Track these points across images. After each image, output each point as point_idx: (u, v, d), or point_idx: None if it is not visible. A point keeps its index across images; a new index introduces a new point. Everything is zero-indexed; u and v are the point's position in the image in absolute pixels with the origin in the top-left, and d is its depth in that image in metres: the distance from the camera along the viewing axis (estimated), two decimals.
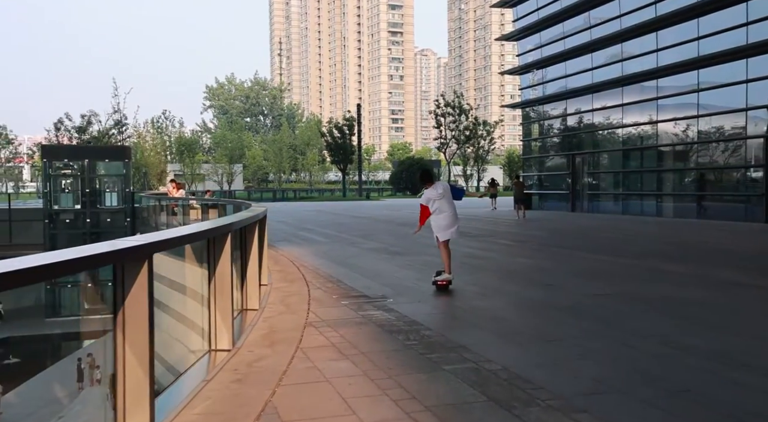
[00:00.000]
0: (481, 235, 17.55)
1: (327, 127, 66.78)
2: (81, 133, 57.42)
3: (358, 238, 16.74)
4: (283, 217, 27.85)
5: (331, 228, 20.67)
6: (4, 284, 2.33)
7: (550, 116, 31.28)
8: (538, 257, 12.53)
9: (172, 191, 19.45)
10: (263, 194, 64.72)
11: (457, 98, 71.60)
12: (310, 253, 13.14)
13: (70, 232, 41.71)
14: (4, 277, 2.32)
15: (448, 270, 8.59)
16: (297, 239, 16.50)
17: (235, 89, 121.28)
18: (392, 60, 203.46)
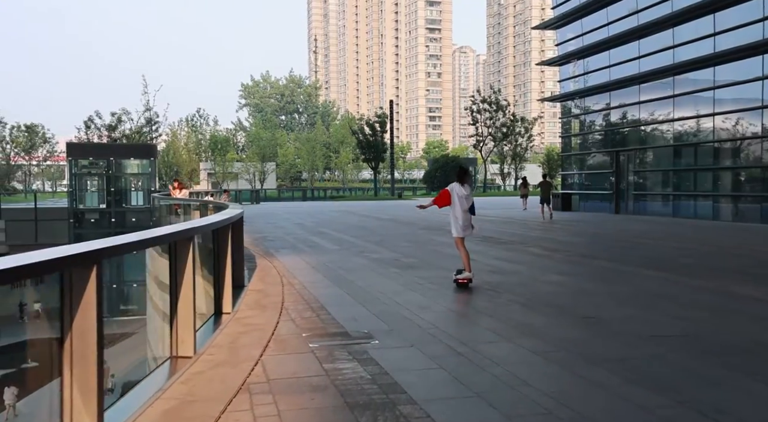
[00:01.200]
0: (511, 241, 15.49)
1: (358, 124, 65.06)
2: (111, 131, 56.92)
3: (372, 245, 14.86)
4: (304, 218, 26.17)
5: (348, 232, 18.85)
6: None
7: (592, 109, 28.88)
8: (575, 273, 10.44)
9: (173, 192, 17.89)
10: (294, 193, 63.36)
11: (494, 94, 69.08)
12: (309, 265, 11.32)
13: (95, 231, 40.89)
14: None
15: (468, 268, 8.93)
16: (304, 246, 14.71)
17: (270, 87, 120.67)
18: (430, 57, 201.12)
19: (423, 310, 7.18)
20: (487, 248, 14.24)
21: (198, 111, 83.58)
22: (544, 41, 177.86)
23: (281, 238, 17.03)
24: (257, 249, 14.06)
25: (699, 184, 23.02)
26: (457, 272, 8.97)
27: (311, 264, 11.44)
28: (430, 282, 9.23)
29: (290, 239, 16.81)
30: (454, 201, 9.14)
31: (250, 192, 49.73)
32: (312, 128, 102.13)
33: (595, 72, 28.05)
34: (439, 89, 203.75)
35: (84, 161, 43.62)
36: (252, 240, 16.38)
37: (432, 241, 15.67)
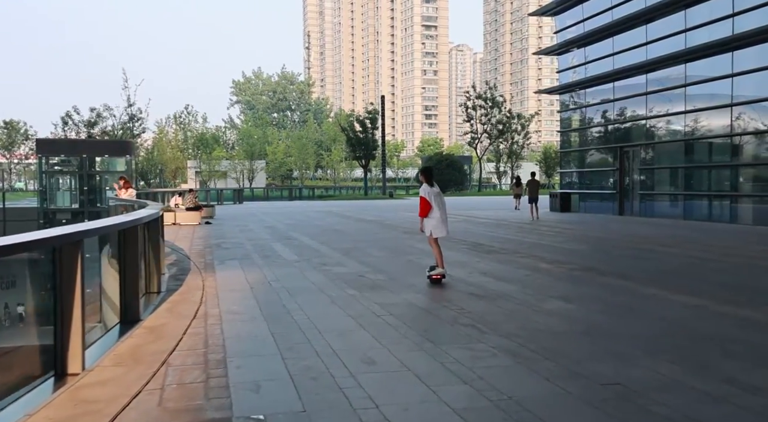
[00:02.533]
0: (503, 250, 13.20)
1: (348, 120, 62.66)
2: (90, 127, 54.45)
3: (339, 255, 12.58)
4: (279, 220, 23.87)
5: (320, 237, 16.57)
6: None
7: (594, 102, 26.62)
8: (582, 297, 8.17)
9: (119, 192, 15.57)
10: (283, 192, 60.95)
11: (490, 90, 66.78)
12: (248, 286, 9.03)
13: None
14: None
15: (442, 265, 9.07)
16: (259, 257, 12.42)
17: (262, 84, 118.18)
18: (426, 55, 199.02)
19: (366, 369, 4.89)
20: (475, 258, 11.97)
21: (186, 108, 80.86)
22: (541, 38, 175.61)
23: (239, 245, 14.74)
24: (200, 260, 11.77)
25: (714, 183, 20.77)
26: (430, 269, 9.15)
27: (252, 283, 9.15)
28: (391, 313, 6.94)
29: (249, 246, 14.52)
30: (432, 204, 9.12)
31: (233, 191, 47.36)
32: (304, 125, 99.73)
33: (597, 61, 25.79)
34: (435, 87, 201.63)
35: (55, 159, 41.28)
36: (203, 248, 14.09)
37: (411, 249, 13.39)
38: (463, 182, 65.95)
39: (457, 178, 63.85)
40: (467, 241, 15.35)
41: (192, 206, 22.39)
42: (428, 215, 9.12)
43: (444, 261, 9.21)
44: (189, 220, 21.97)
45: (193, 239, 16.41)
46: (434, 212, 9.09)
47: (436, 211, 9.09)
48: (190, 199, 22.58)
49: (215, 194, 44.62)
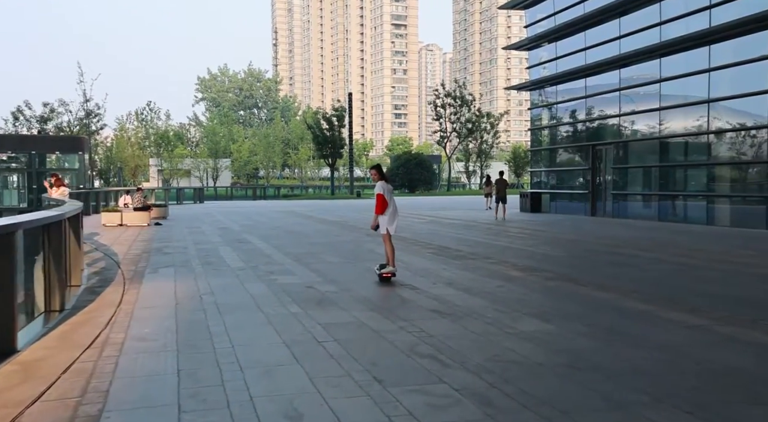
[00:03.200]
0: (471, 255, 12.06)
1: (314, 118, 61.18)
2: (43, 123, 52.04)
3: (290, 261, 11.30)
4: (236, 221, 22.46)
5: (274, 240, 15.26)
6: None
7: (565, 98, 25.72)
8: (562, 315, 7.03)
9: (50, 190, 14.04)
10: (248, 192, 59.19)
11: (459, 88, 65.93)
12: (174, 300, 7.71)
13: None
14: None
15: (393, 263, 8.97)
16: (199, 264, 11.07)
17: (228, 81, 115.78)
18: (395, 53, 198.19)
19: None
20: (441, 264, 10.80)
21: (148, 104, 78.54)
22: (510, 38, 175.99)
23: (182, 250, 13.35)
24: (130, 269, 10.38)
25: (690, 183, 19.99)
26: (381, 267, 9.06)
27: (180, 298, 7.82)
28: (335, 338, 5.71)
29: (193, 250, 13.14)
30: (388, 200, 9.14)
31: (193, 190, 45.59)
32: (271, 123, 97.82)
33: (568, 56, 24.90)
34: (405, 86, 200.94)
35: (4, 156, 39.10)
36: (140, 253, 12.67)
37: (370, 255, 12.17)
38: (432, 182, 65.02)
39: (426, 177, 62.90)
40: (433, 245, 14.20)
41: (140, 206, 20.84)
42: (383, 213, 9.07)
43: (396, 263, 9.24)
44: (136, 221, 20.43)
45: (135, 242, 14.95)
46: (388, 208, 9.08)
47: (390, 207, 9.10)
48: (137, 198, 21.03)
49: (174, 194, 42.81)
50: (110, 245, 14.25)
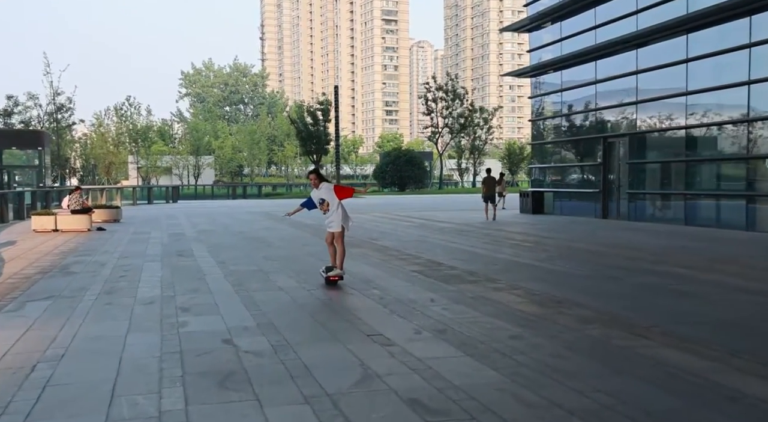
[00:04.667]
0: (467, 275, 9.05)
1: (298, 112, 58.01)
2: (6, 117, 48.67)
3: (227, 286, 8.34)
4: (196, 225, 19.47)
5: (225, 252, 12.32)
6: None
7: (572, 84, 22.79)
8: (611, 405, 4.06)
9: None
10: (230, 190, 55.97)
11: (451, 81, 62.95)
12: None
13: None
14: None
15: (341, 266, 8.58)
16: (102, 292, 8.12)
17: (213, 76, 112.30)
18: (386, 49, 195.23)
19: None
20: (427, 291, 7.85)
21: (128, 99, 75.03)
22: (502, 34, 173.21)
23: (93, 269, 10.33)
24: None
25: (724, 180, 17.10)
26: (327, 270, 8.58)
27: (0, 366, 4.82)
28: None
29: (108, 270, 10.13)
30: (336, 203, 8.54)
31: (165, 189, 42.44)
32: (257, 119, 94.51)
33: (575, 36, 21.96)
34: (396, 82, 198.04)
35: None
36: (34, 272, 9.66)
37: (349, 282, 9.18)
38: (423, 180, 62.08)
39: (417, 175, 59.93)
40: (421, 258, 11.24)
41: (78, 209, 17.76)
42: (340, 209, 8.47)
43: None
44: (74, 225, 17.37)
45: (44, 256, 11.91)
46: (337, 209, 8.48)
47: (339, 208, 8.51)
48: (75, 199, 17.92)
49: (143, 192, 39.65)
50: (9, 259, 11.21)
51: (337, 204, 8.40)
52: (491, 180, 21.27)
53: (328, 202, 8.41)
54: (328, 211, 8.47)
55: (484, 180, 21.53)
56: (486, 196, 20.84)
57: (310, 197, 8.72)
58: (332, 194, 8.41)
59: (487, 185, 21.07)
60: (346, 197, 8.52)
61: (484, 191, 21.02)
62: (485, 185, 21.16)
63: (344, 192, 8.56)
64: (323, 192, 8.47)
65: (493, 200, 20.92)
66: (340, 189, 8.55)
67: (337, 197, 8.42)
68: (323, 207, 8.49)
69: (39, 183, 35.87)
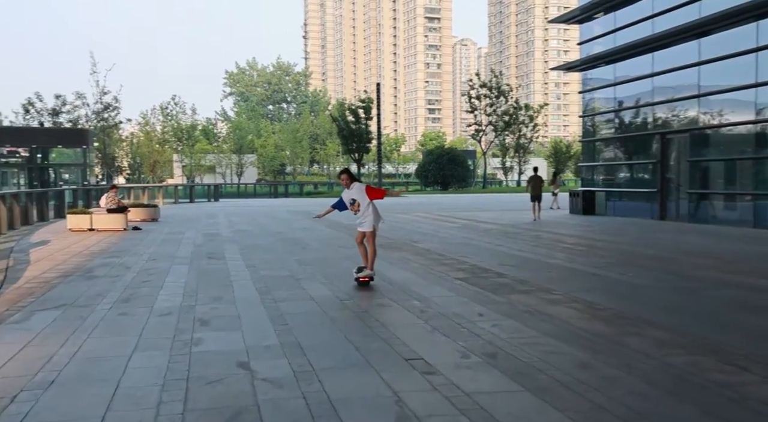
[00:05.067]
0: (518, 284, 8.12)
1: (339, 110, 57.43)
2: (55, 116, 49.42)
3: (253, 295, 7.64)
4: (232, 224, 18.97)
5: (257, 254, 11.70)
6: None
7: (626, 78, 21.50)
8: None
9: None
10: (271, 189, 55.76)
11: (495, 78, 61.56)
12: None
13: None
14: None
15: (371, 266, 8.32)
16: (117, 301, 7.50)
17: (257, 75, 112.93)
18: (429, 47, 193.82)
19: None
20: (474, 303, 6.97)
21: (173, 98, 75.75)
22: (547, 30, 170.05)
23: (117, 273, 9.76)
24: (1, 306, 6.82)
25: None
26: (358, 270, 8.36)
27: None
28: None
29: (132, 273, 9.55)
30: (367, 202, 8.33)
31: (206, 188, 42.38)
32: (300, 118, 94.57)
33: (631, 26, 20.67)
34: (439, 81, 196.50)
35: (4, 151, 36.38)
36: (56, 276, 9.15)
37: (380, 282, 8.38)
38: (466, 179, 60.90)
39: (460, 174, 58.79)
40: (465, 263, 10.36)
41: (114, 208, 17.40)
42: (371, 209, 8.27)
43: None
44: (109, 225, 17.01)
45: (72, 257, 11.43)
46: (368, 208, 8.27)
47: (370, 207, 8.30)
48: (110, 198, 17.57)
49: (185, 191, 39.62)
50: (34, 261, 10.75)
51: (367, 204, 8.20)
52: (538, 179, 20.85)
53: (358, 202, 8.21)
54: (358, 211, 8.26)
55: (530, 179, 21.14)
56: (533, 195, 20.28)
57: (341, 198, 8.47)
58: (363, 194, 8.21)
59: (534, 184, 20.56)
60: (377, 198, 8.33)
61: (530, 191, 20.59)
62: (532, 184, 20.66)
63: (376, 193, 8.36)
64: (354, 192, 8.27)
65: (540, 199, 20.23)
66: (371, 190, 8.35)
67: (369, 197, 8.23)
68: (354, 208, 8.28)
69: (83, 181, 36.16)
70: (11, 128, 43.94)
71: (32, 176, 36.37)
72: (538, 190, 20.41)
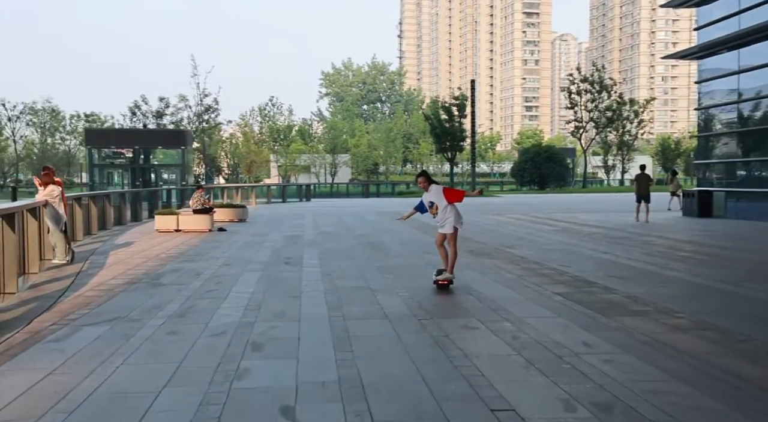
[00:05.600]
0: (630, 304, 6.78)
1: (431, 108, 56.29)
2: (158, 118, 51.32)
3: (320, 312, 6.76)
4: (318, 226, 18.43)
5: (338, 260, 10.93)
6: None
7: (752, 64, 19.18)
8: None
9: (45, 194, 10.39)
10: (370, 188, 55.40)
11: (597, 72, 58.41)
12: None
13: None
14: None
15: (451, 270, 8.07)
16: (174, 315, 6.84)
17: (351, 75, 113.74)
18: (527, 43, 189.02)
19: None
20: (578, 329, 5.78)
21: (271, 100, 77.34)
22: (654, 22, 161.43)
23: (187, 280, 9.20)
24: (53, 316, 6.30)
25: None
26: (438, 273, 8.18)
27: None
28: None
29: (200, 281, 8.94)
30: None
31: (298, 187, 42.51)
32: (394, 117, 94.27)
33: (758, 6, 18.38)
34: (537, 77, 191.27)
35: (106, 151, 37.88)
36: (125, 282, 8.69)
37: (460, 292, 7.32)
38: (564, 178, 58.23)
39: (558, 172, 56.26)
40: (566, 274, 9.09)
41: (199, 208, 17.19)
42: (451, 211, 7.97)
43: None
44: (195, 226, 16.79)
45: (148, 261, 11.05)
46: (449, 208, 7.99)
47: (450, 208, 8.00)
48: (196, 198, 17.38)
49: (278, 191, 39.86)
50: (109, 264, 10.41)
51: (444, 206, 7.96)
52: (646, 178, 19.61)
53: (436, 205, 7.99)
54: (436, 214, 8.06)
55: (637, 177, 19.85)
56: (640, 195, 19.01)
57: (422, 201, 8.26)
58: (441, 197, 7.96)
59: (641, 183, 19.33)
60: (455, 200, 8.02)
61: (637, 190, 19.27)
62: (639, 183, 19.47)
63: (454, 195, 8.07)
64: (432, 195, 8.05)
65: (648, 199, 18.93)
66: (449, 191, 8.07)
67: (446, 199, 7.96)
68: (432, 210, 8.09)
69: (182, 181, 37.03)
70: (116, 130, 45.96)
71: (135, 176, 37.59)
72: (645, 189, 19.09)
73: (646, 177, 19.60)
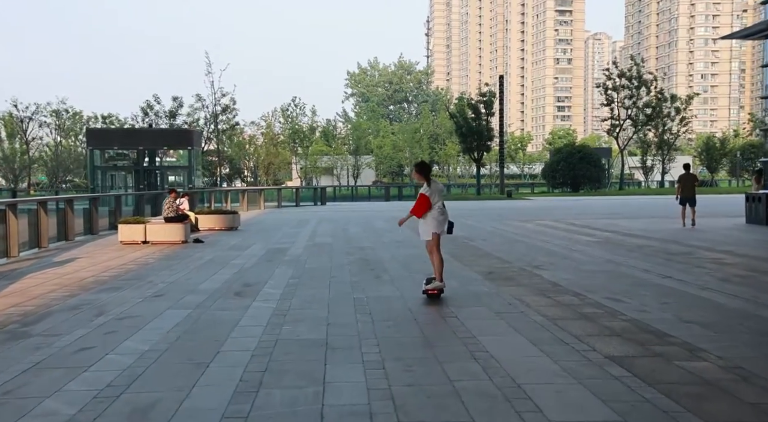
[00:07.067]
0: (721, 366, 3.91)
1: (457, 105, 53.26)
2: (172, 118, 49.28)
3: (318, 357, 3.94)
4: (316, 237, 15.72)
5: (306, 289, 8.11)
6: None
7: None
8: None
9: None
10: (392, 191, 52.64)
11: (636, 66, 54.74)
12: None
13: None
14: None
15: (440, 278, 7.60)
16: None
17: (378, 75, 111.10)
18: (559, 42, 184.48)
19: None
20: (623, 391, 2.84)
21: (293, 100, 75.10)
22: (693, 17, 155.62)
23: (69, 326, 6.54)
24: None
25: None
26: (427, 282, 7.67)
27: None
28: None
29: (81, 331, 6.27)
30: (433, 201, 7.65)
31: (313, 190, 39.96)
32: (420, 117, 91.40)
33: None
34: (570, 76, 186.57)
35: (109, 151, 35.78)
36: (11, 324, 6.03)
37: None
38: (599, 179, 54.71)
39: (593, 174, 52.79)
40: (619, 314, 6.23)
41: (171, 216, 14.61)
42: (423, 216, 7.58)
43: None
44: (165, 237, 14.23)
45: (67, 285, 8.44)
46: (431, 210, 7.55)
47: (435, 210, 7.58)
48: (168, 204, 14.78)
49: (291, 194, 37.33)
50: (6, 294, 7.82)
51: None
52: (691, 178, 18.02)
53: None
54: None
55: (680, 178, 17.84)
56: (684, 198, 17.37)
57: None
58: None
59: (686, 185, 17.62)
60: (413, 213, 7.53)
61: (681, 192, 17.34)
62: (683, 184, 17.70)
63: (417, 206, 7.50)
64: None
65: (693, 202, 17.32)
66: (418, 201, 7.52)
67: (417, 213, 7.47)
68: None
69: (189, 184, 34.73)
70: (120, 130, 44.02)
71: (139, 178, 35.41)
72: (690, 191, 17.45)
73: (691, 177, 17.94)
